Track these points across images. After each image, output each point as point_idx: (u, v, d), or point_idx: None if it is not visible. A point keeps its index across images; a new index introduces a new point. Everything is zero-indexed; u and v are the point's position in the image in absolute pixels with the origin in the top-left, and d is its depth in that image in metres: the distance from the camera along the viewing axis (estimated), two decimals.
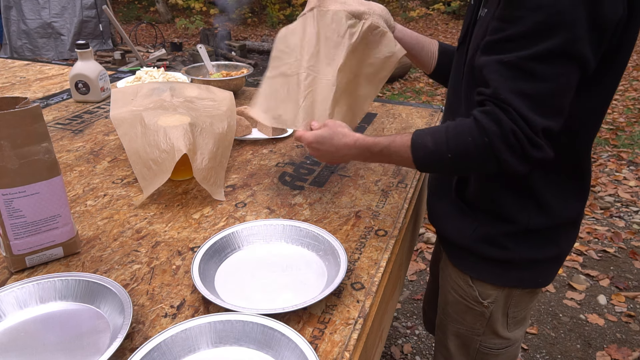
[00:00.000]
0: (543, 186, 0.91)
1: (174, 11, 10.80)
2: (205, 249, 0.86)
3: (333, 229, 0.97)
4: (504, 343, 1.08)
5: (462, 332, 1.10)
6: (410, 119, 1.53)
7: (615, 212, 3.03)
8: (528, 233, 0.94)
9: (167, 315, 0.75)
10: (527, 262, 0.97)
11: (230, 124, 1.20)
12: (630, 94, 5.38)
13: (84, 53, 1.60)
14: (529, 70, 0.75)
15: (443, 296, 1.13)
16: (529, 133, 0.75)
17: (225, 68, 1.78)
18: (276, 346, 0.67)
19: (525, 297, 1.04)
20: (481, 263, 1.00)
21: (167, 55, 6.77)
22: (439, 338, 1.18)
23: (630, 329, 2.14)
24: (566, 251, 1.01)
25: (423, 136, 0.86)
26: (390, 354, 2.02)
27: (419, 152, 0.86)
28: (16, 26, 6.95)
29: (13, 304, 0.75)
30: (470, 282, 1.02)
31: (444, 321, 1.14)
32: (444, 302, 1.13)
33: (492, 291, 1.01)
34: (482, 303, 1.02)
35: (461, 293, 1.05)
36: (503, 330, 1.06)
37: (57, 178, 0.82)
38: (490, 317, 1.04)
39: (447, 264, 1.09)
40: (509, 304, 1.03)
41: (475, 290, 1.02)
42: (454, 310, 1.09)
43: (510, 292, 1.01)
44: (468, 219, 0.99)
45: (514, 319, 1.06)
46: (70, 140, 1.35)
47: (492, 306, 1.02)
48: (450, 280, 1.08)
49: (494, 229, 0.96)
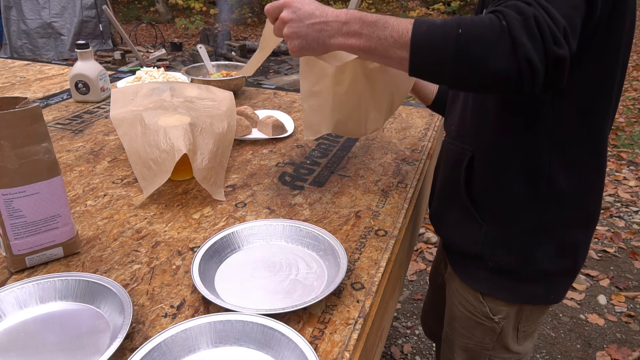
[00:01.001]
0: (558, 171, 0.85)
1: (174, 11, 10.80)
2: (205, 249, 0.86)
3: (333, 229, 0.97)
4: (513, 357, 1.05)
5: (471, 346, 1.06)
6: (410, 119, 1.53)
7: (615, 212, 3.03)
8: (542, 233, 0.90)
9: (167, 315, 0.75)
10: (542, 275, 0.93)
11: (230, 124, 1.20)
12: (630, 94, 5.38)
13: (84, 53, 1.60)
14: None
15: (449, 311, 1.10)
16: (551, 25, 0.66)
17: (225, 68, 1.78)
18: (276, 346, 0.67)
19: (537, 312, 1.01)
20: (492, 277, 0.95)
21: (167, 55, 6.77)
22: (445, 353, 1.15)
23: (630, 329, 2.14)
24: (580, 263, 0.96)
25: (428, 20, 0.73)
26: (390, 354, 2.02)
27: (423, 25, 0.71)
28: (16, 26, 6.95)
29: (13, 304, 0.75)
30: (481, 298, 0.98)
31: (450, 336, 1.11)
32: (451, 317, 1.09)
33: (504, 307, 0.97)
34: (492, 319, 0.99)
35: (470, 309, 1.02)
36: (513, 345, 1.03)
37: (57, 178, 0.82)
38: (501, 332, 1.00)
39: (453, 277, 1.05)
40: (520, 319, 0.99)
41: (486, 306, 0.98)
42: (461, 325, 1.06)
43: (522, 307, 0.98)
44: (477, 223, 0.93)
45: (524, 333, 1.03)
46: (70, 140, 1.35)
47: (503, 322, 0.99)
48: (457, 295, 1.04)
49: (509, 230, 0.91)
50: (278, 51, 7.22)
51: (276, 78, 5.23)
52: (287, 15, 0.77)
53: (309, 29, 0.76)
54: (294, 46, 0.78)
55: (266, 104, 1.64)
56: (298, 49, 0.78)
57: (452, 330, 1.10)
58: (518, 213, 0.90)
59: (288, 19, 0.77)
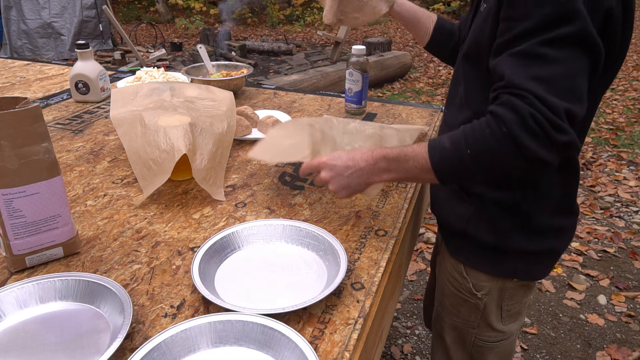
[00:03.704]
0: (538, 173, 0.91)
1: (174, 11, 10.80)
2: (205, 249, 0.86)
3: (333, 229, 0.97)
4: (498, 336, 1.10)
5: (458, 324, 1.12)
6: (410, 119, 1.53)
7: (615, 212, 3.03)
8: (521, 216, 0.95)
9: (167, 315, 0.75)
10: (521, 253, 0.99)
11: (230, 124, 1.20)
12: (630, 94, 5.38)
13: (84, 53, 1.60)
14: (541, 55, 0.73)
15: (440, 289, 1.15)
16: (549, 115, 0.71)
17: (225, 68, 1.78)
18: (276, 346, 0.67)
19: (519, 291, 1.05)
20: (476, 251, 1.01)
21: (167, 55, 6.77)
22: (436, 331, 1.21)
23: (630, 329, 2.14)
24: (562, 247, 1.02)
25: (440, 139, 0.82)
26: (390, 354, 2.02)
27: (436, 152, 0.81)
28: (16, 26, 6.95)
29: (13, 304, 0.75)
30: (465, 273, 1.04)
31: (441, 314, 1.16)
32: (441, 295, 1.15)
33: (486, 283, 1.03)
34: (476, 295, 1.04)
35: (456, 285, 1.07)
36: (497, 324, 1.08)
37: (57, 178, 0.82)
38: (484, 309, 1.06)
39: (444, 255, 1.11)
40: (502, 297, 1.04)
41: (469, 282, 1.04)
42: (450, 302, 1.12)
43: (504, 284, 1.02)
44: (466, 203, 1.00)
45: (508, 312, 1.07)
46: (70, 140, 1.35)
47: (485, 298, 1.04)
48: (446, 272, 1.11)
49: (490, 211, 0.97)
50: (278, 51, 7.22)
51: (276, 78, 5.24)
52: (327, 175, 0.89)
53: (349, 179, 0.88)
54: (342, 196, 0.91)
55: (266, 104, 1.64)
56: (347, 196, 0.91)
57: (443, 308, 1.15)
58: (498, 196, 0.95)
59: (329, 178, 0.89)
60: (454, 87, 1.04)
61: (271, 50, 7.30)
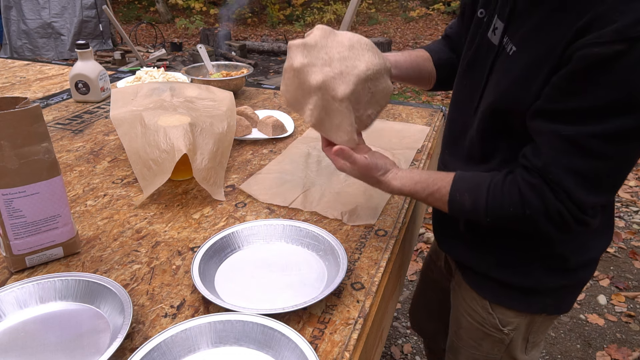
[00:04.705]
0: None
1: (174, 11, 10.80)
2: (205, 249, 0.86)
3: (333, 229, 0.97)
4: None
5: (477, 357, 1.06)
6: (410, 119, 1.53)
7: (615, 212, 3.03)
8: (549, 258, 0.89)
9: (167, 315, 0.75)
10: (550, 290, 0.93)
11: (230, 124, 1.20)
12: None
13: (84, 53, 1.60)
14: (588, 148, 0.67)
15: (455, 319, 1.09)
16: (575, 213, 0.71)
17: (225, 68, 1.78)
18: (276, 346, 0.67)
19: (547, 322, 1.00)
20: (503, 288, 0.95)
21: (167, 55, 6.77)
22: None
23: (630, 329, 2.14)
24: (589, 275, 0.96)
25: (461, 192, 0.80)
26: (390, 354, 2.02)
27: (455, 208, 0.82)
28: (16, 26, 6.95)
29: (13, 304, 0.75)
30: (490, 309, 0.97)
31: (456, 344, 1.10)
32: (457, 326, 1.08)
33: (514, 318, 0.97)
34: (502, 330, 0.98)
35: (478, 319, 1.01)
36: (521, 355, 1.03)
37: (57, 178, 0.82)
38: (510, 343, 1.00)
39: (460, 285, 1.04)
40: (530, 330, 0.99)
41: (496, 318, 0.98)
42: (469, 335, 1.05)
43: (533, 318, 0.97)
44: (483, 250, 0.94)
45: (533, 343, 1.03)
46: (70, 140, 1.35)
47: (512, 333, 0.98)
48: (464, 304, 1.03)
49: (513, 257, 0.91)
50: (278, 51, 7.22)
51: (276, 78, 5.23)
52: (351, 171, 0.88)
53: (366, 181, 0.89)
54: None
55: (266, 104, 1.64)
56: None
57: (459, 339, 1.09)
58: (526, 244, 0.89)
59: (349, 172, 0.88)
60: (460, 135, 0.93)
61: (271, 50, 7.30)
